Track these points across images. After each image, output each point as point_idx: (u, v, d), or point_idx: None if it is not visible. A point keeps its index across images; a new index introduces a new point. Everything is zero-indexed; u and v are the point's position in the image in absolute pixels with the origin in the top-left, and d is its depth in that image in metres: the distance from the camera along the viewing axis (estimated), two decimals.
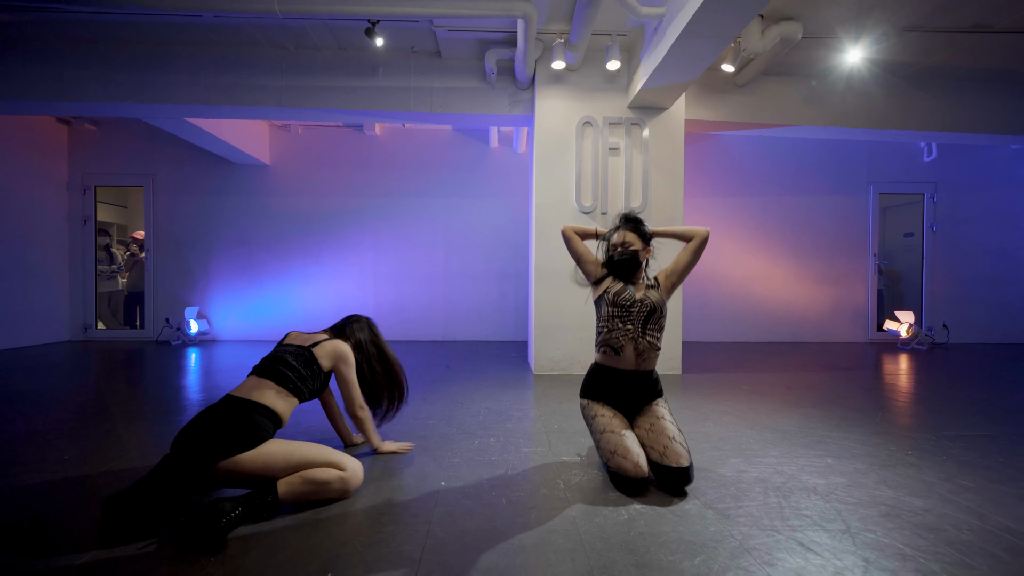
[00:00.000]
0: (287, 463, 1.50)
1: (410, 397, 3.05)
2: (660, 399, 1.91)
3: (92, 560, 1.24)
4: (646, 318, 1.85)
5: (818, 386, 3.43)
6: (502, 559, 1.27)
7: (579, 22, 3.30)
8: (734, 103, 4.29)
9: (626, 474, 1.64)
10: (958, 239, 6.08)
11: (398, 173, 5.91)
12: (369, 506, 1.57)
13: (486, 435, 2.30)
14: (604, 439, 1.76)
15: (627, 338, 1.85)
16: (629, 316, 1.85)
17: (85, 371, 3.95)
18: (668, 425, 1.77)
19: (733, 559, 1.27)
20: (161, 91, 4.00)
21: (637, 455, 1.66)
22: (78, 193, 5.83)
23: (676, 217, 3.94)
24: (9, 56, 3.90)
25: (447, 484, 1.74)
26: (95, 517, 1.45)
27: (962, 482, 1.79)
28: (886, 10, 3.37)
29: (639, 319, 1.85)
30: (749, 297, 5.97)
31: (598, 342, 1.93)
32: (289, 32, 3.79)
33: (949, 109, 4.41)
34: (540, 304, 3.92)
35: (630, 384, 1.86)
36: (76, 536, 1.36)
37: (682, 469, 1.64)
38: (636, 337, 1.85)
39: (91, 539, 1.34)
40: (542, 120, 3.93)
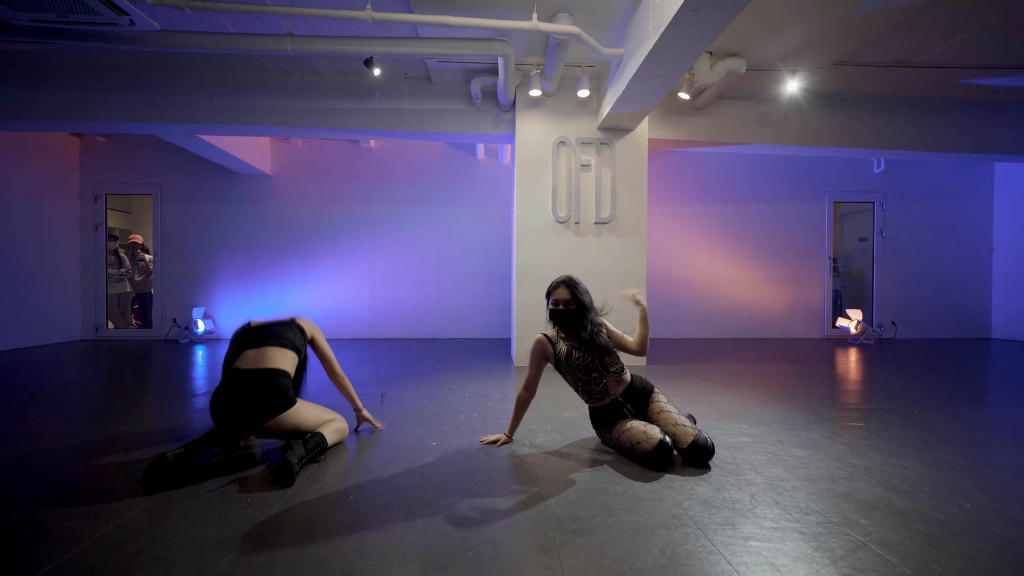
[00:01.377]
0: (316, 420, 1.98)
1: (405, 386, 3.51)
2: (654, 391, 2.15)
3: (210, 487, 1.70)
4: (601, 361, 2.09)
5: (762, 374, 3.95)
6: (478, 486, 1.74)
7: (552, 57, 3.79)
8: (694, 124, 4.81)
9: (651, 449, 1.86)
10: (905, 244, 6.67)
11: (392, 183, 6.36)
12: (378, 456, 2.03)
13: (470, 412, 2.77)
14: (625, 437, 1.98)
15: (600, 383, 2.09)
16: (591, 369, 2.09)
17: (108, 366, 4.35)
18: (671, 413, 2.03)
19: (645, 484, 1.75)
20: (177, 111, 4.42)
21: (654, 430, 1.91)
22: (89, 201, 6.20)
23: (640, 224, 4.44)
24: (39, 81, 4.29)
25: (437, 443, 2.21)
26: (164, 466, 1.90)
27: (839, 439, 2.29)
28: (817, 48, 3.90)
29: (599, 365, 2.09)
30: (715, 297, 6.50)
31: (582, 398, 2.17)
32: (295, 60, 4.23)
33: (882, 129, 4.98)
34: (520, 303, 4.40)
35: (627, 401, 2.11)
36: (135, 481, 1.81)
37: (695, 444, 1.89)
38: (605, 378, 2.09)
39: (165, 481, 1.79)
40: (522, 139, 4.41)
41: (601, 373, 2.10)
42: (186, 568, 1.24)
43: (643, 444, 1.91)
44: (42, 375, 3.84)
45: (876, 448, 2.17)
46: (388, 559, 1.28)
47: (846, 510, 1.56)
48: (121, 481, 1.79)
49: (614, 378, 2.11)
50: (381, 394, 3.19)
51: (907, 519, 1.50)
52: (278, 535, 1.41)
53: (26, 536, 1.40)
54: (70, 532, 1.42)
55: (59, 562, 1.27)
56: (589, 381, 2.10)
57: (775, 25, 3.55)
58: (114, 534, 1.41)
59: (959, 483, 1.79)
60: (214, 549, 1.33)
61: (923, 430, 2.44)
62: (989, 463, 2.00)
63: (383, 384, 3.52)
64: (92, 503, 1.61)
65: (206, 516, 1.52)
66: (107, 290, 6.28)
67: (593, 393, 2.12)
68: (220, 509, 1.57)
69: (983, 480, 1.82)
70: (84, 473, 1.87)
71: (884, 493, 1.69)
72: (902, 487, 1.75)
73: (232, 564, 1.26)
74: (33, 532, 1.42)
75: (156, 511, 1.55)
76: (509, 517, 1.52)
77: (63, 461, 1.99)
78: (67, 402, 3.00)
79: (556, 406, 2.87)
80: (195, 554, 1.31)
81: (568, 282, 2.15)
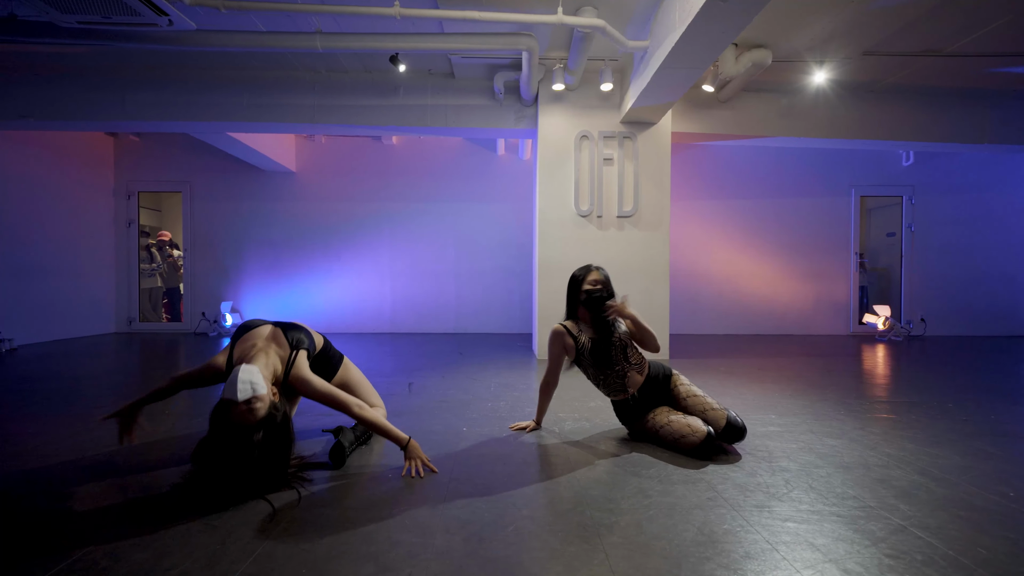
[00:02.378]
0: (368, 400, 2.08)
1: (430, 376, 3.57)
2: (674, 374, 2.14)
3: None
4: (624, 352, 2.09)
5: (787, 368, 3.91)
6: (512, 468, 1.78)
7: (575, 51, 3.80)
8: (717, 117, 4.77)
9: (699, 442, 1.85)
10: (934, 239, 6.51)
11: (412, 180, 6.43)
12: (415, 439, 2.08)
13: (496, 400, 2.81)
14: (667, 431, 1.96)
15: (622, 375, 2.08)
16: (614, 361, 2.07)
17: (143, 356, 4.51)
18: (699, 396, 2.03)
19: (677, 469, 1.77)
20: (208, 110, 4.54)
21: (697, 423, 1.89)
22: (123, 198, 6.41)
23: (663, 217, 4.43)
24: (78, 83, 4.46)
25: (468, 429, 2.25)
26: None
27: (871, 430, 2.27)
28: (846, 38, 3.84)
29: (621, 357, 2.08)
30: (736, 292, 6.43)
31: (604, 393, 2.15)
32: (322, 58, 4.32)
33: (911, 121, 4.87)
34: (543, 296, 4.42)
35: (649, 392, 2.10)
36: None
37: (730, 425, 1.90)
38: (629, 370, 2.08)
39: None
40: (544, 134, 4.43)
41: (624, 365, 2.08)
42: (240, 536, 1.30)
43: (689, 438, 1.88)
44: (84, 363, 4.00)
45: (910, 438, 2.14)
46: (431, 531, 1.33)
47: (883, 495, 1.56)
48: (164, 452, 1.87)
49: (636, 369, 2.10)
50: (408, 383, 3.25)
51: (947, 505, 1.49)
52: (323, 508, 1.46)
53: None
54: (139, 485, 1.50)
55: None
56: (612, 374, 2.08)
57: (802, 15, 3.51)
58: (163, 502, 1.48)
59: (999, 472, 1.76)
60: (265, 521, 1.39)
61: (957, 422, 2.40)
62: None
63: (410, 375, 3.58)
64: (161, 467, 1.69)
65: None
66: (139, 285, 6.48)
67: (614, 386, 2.10)
68: None
69: (1023, 469, 1.79)
70: (149, 444, 1.96)
71: (922, 480, 1.68)
72: (940, 475, 1.73)
73: (282, 532, 1.31)
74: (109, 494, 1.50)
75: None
76: (545, 496, 1.55)
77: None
78: (115, 385, 3.13)
79: (583, 395, 2.89)
80: (247, 524, 1.37)
81: (598, 267, 2.17)
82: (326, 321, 6.36)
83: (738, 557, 1.21)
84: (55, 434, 2.17)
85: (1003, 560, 1.19)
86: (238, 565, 1.16)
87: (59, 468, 1.79)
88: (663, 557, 1.21)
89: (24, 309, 5.17)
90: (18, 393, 2.97)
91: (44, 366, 3.90)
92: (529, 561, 1.19)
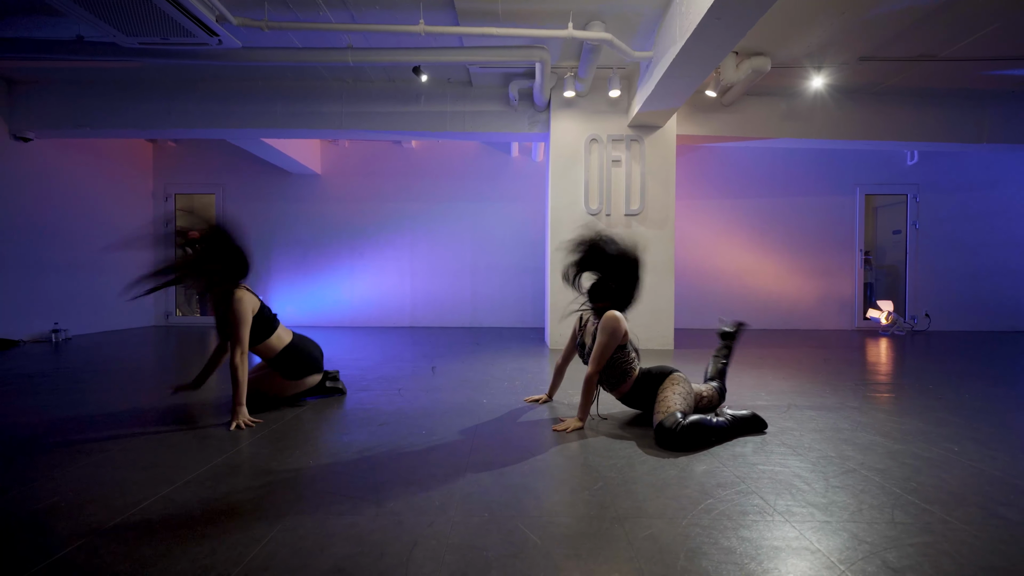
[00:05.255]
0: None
1: (451, 361, 3.88)
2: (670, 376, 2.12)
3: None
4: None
5: (785, 357, 4.15)
6: (527, 432, 2.08)
7: (585, 61, 4.09)
8: (721, 120, 5.02)
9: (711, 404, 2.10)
10: (939, 236, 6.65)
11: (431, 181, 6.77)
12: (437, 408, 2.40)
13: (512, 380, 3.11)
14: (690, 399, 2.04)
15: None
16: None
17: (186, 346, 4.92)
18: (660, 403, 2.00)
19: None
20: (245, 118, 4.92)
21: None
22: (161, 200, 6.85)
23: (668, 215, 4.69)
24: (129, 94, 4.88)
25: (488, 401, 2.56)
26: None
27: (851, 404, 2.52)
28: (841, 45, 4.07)
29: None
30: (743, 289, 6.65)
31: (633, 367, 2.12)
32: (349, 69, 4.67)
33: (910, 122, 5.05)
34: (556, 290, 4.71)
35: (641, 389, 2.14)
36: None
37: (657, 426, 1.88)
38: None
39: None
40: (556, 137, 4.72)
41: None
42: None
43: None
44: (136, 351, 4.41)
45: (884, 411, 2.40)
46: (460, 469, 1.63)
47: (844, 450, 1.82)
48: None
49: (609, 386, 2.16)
50: (432, 367, 3.57)
51: (897, 456, 1.76)
52: (372, 451, 1.78)
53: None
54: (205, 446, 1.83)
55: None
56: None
57: (799, 25, 3.75)
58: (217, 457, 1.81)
59: (953, 435, 2.01)
60: (284, 487, 1.71)
61: (931, 399, 2.64)
62: (985, 421, 2.20)
63: (432, 359, 3.90)
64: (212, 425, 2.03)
65: (283, 455, 1.91)
66: None
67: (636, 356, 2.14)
68: (293, 446, 1.96)
69: (977, 433, 2.04)
70: (195, 405, 2.30)
71: (881, 440, 1.94)
72: (899, 436, 1.99)
73: (342, 468, 1.63)
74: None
75: (246, 449, 1.95)
76: (556, 447, 1.85)
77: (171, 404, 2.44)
78: (166, 370, 3.50)
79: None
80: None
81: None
82: (350, 316, 6.73)
83: (712, 486, 1.49)
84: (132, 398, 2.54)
85: (929, 491, 1.46)
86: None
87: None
88: (649, 486, 1.50)
89: (76, 303, 5.62)
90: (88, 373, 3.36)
91: (101, 354, 4.31)
92: (542, 487, 1.49)
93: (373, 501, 1.39)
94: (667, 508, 1.35)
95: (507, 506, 1.36)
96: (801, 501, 1.39)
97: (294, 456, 1.74)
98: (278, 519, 1.27)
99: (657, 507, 1.35)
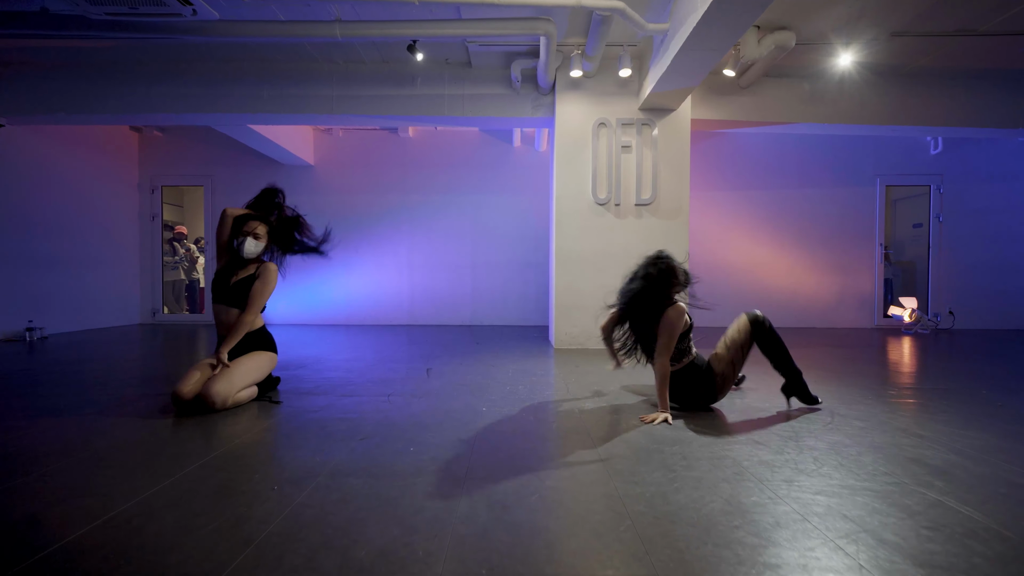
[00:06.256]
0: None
1: (449, 362, 3.58)
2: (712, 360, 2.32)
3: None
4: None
5: (810, 358, 3.83)
6: (532, 443, 1.77)
7: (594, 36, 3.77)
8: (738, 103, 4.69)
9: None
10: (964, 229, 6.31)
11: (429, 171, 6.46)
12: (429, 418, 2.09)
13: (515, 384, 2.81)
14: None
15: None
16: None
17: (173, 344, 4.62)
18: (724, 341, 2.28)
19: (702, 447, 1.74)
20: (229, 102, 4.61)
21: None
22: (147, 193, 6.55)
23: (682, 205, 4.37)
24: (105, 77, 4.57)
25: (487, 409, 2.25)
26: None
27: (900, 413, 2.21)
28: (874, 18, 3.74)
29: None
30: (757, 284, 6.32)
31: (691, 348, 2.26)
32: (340, 48, 4.36)
33: (942, 105, 4.72)
34: (560, 287, 4.40)
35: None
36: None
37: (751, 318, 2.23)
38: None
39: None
40: (562, 122, 4.40)
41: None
42: (266, 498, 1.32)
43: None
44: (109, 351, 4.11)
45: (943, 422, 2.08)
46: (454, 498, 1.33)
47: (917, 473, 1.51)
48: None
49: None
50: (427, 368, 3.26)
51: (986, 483, 1.44)
52: (347, 477, 1.47)
53: None
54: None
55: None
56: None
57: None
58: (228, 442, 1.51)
59: None
60: (230, 530, 1.41)
61: (992, 407, 2.32)
62: None
63: (428, 360, 3.60)
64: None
65: (239, 480, 1.61)
66: (163, 277, 6.63)
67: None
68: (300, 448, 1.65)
69: None
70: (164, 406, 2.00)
71: (958, 460, 1.63)
72: (975, 455, 1.67)
73: (307, 498, 1.33)
74: None
75: (243, 439, 1.65)
76: (567, 468, 1.54)
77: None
78: (152, 370, 3.21)
79: (601, 379, 2.86)
80: (270, 487, 1.38)
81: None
82: (345, 313, 6.43)
83: (767, 526, 1.18)
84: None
85: None
86: (265, 526, 1.18)
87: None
88: (691, 525, 1.19)
89: (55, 300, 5.32)
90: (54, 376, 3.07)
91: (74, 354, 4.02)
92: (555, 527, 1.18)
93: (338, 549, 1.08)
94: (720, 561, 1.04)
95: (510, 556, 1.05)
96: (893, 552, 1.08)
97: (252, 482, 1.43)
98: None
99: (703, 559, 1.04)
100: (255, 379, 2.35)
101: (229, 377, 2.20)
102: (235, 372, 2.24)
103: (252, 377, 2.33)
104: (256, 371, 2.36)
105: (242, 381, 2.26)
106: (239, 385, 2.24)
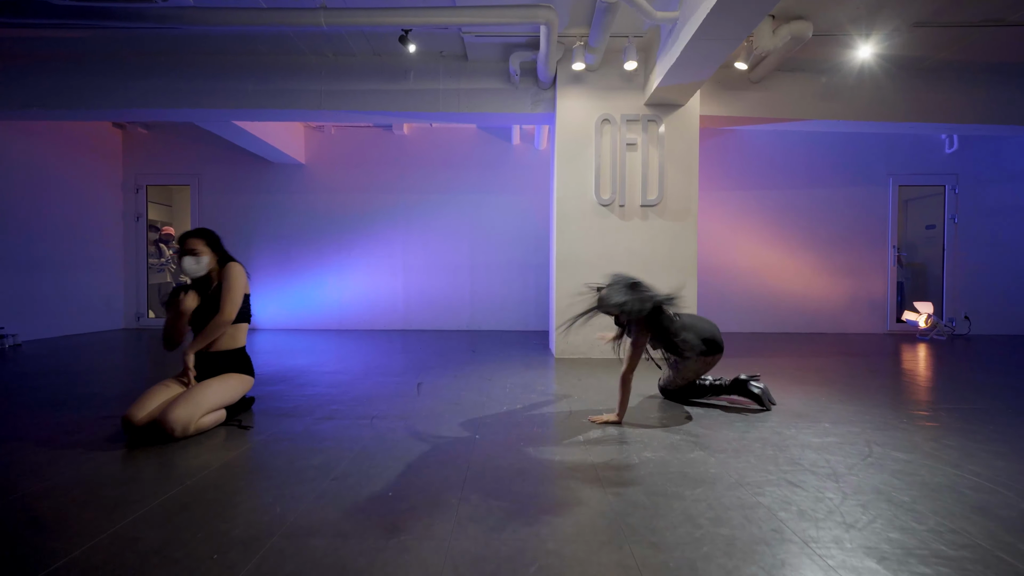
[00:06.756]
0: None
1: (443, 375, 3.34)
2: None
3: None
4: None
5: (825, 369, 3.59)
6: (528, 484, 1.53)
7: (597, 26, 3.52)
8: (749, 99, 4.44)
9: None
10: (980, 231, 6.07)
11: (425, 170, 6.21)
12: (414, 449, 1.85)
13: (513, 404, 2.56)
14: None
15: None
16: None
17: (156, 351, 4.37)
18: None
19: (728, 490, 1.50)
20: (213, 96, 4.36)
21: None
22: (131, 192, 6.30)
23: (690, 206, 4.13)
24: (83, 70, 4.32)
25: (480, 437, 2.01)
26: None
27: (946, 442, 1.97)
28: (896, 7, 3.49)
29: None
30: (764, 288, 6.08)
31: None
32: (329, 40, 4.11)
33: (963, 101, 4.48)
34: (561, 292, 4.16)
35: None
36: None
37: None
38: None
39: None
40: (563, 118, 4.16)
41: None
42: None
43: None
44: (84, 360, 3.87)
45: (996, 453, 1.84)
46: (437, 568, 1.09)
47: (991, 529, 1.27)
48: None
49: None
50: (417, 383, 3.02)
51: None
52: (308, 536, 1.23)
53: None
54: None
55: None
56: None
57: None
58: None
59: None
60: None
61: None
62: None
63: (420, 372, 3.36)
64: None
65: (173, 544, 1.36)
66: (148, 280, 6.38)
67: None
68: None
69: None
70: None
71: None
72: None
73: (254, 570, 1.09)
74: None
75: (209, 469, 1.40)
76: (574, 523, 1.30)
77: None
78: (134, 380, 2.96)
79: (606, 398, 2.62)
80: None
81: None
82: (338, 318, 6.18)
83: None
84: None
85: None
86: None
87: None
88: None
89: (31, 304, 5.08)
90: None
91: (45, 363, 3.77)
92: None
93: None
94: None
95: None
96: None
97: (192, 544, 1.19)
98: None
99: None
100: (223, 403, 2.11)
101: (193, 400, 1.96)
102: (200, 394, 2.00)
103: (219, 400, 2.08)
104: (225, 393, 2.11)
105: (208, 405, 2.02)
106: (205, 409, 1.99)
